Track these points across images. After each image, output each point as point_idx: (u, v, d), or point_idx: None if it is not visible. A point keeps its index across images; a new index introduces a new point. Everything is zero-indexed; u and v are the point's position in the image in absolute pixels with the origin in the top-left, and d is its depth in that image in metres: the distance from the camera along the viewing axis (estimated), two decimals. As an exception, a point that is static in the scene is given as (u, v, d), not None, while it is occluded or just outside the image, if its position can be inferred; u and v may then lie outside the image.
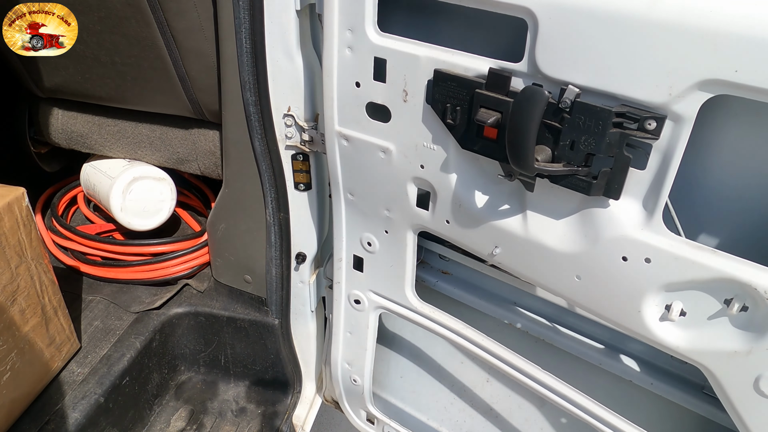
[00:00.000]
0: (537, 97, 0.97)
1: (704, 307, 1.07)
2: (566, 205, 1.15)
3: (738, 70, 0.85)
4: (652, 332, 1.14)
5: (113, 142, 2.02)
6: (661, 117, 0.94)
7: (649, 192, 1.03)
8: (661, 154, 0.97)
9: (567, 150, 1.02)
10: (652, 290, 1.10)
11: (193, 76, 1.69)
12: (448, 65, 1.14)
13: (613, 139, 0.97)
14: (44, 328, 1.61)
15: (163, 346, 1.97)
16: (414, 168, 1.31)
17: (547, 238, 1.20)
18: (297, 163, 1.61)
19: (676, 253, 1.04)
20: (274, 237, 1.79)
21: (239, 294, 2.00)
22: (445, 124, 1.18)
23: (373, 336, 1.76)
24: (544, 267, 1.24)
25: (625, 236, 1.08)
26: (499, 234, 1.27)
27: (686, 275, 1.05)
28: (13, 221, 1.44)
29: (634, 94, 0.95)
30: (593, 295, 1.20)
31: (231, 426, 2.01)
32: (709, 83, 0.88)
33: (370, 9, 1.18)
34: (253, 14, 1.37)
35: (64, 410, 1.62)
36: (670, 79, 0.90)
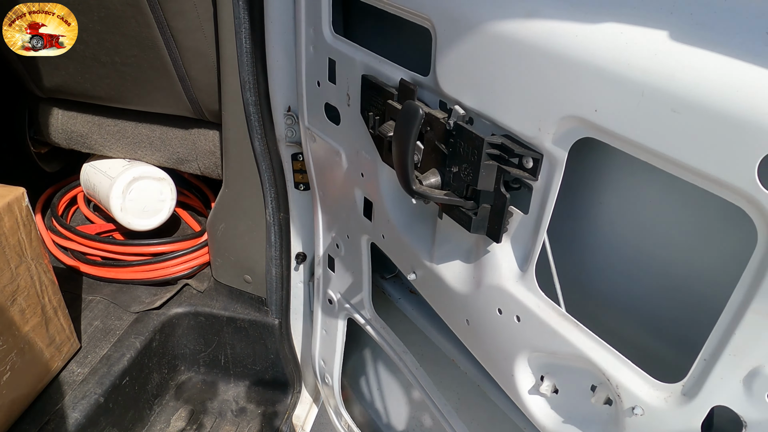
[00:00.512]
0: (412, 115, 0.88)
1: (574, 389, 0.92)
2: (463, 240, 1.05)
3: (597, 110, 0.72)
4: (523, 401, 1.00)
5: (113, 142, 2.02)
6: (537, 156, 0.82)
7: (529, 240, 0.91)
8: (540, 198, 0.85)
9: (452, 177, 0.92)
10: (523, 354, 0.97)
11: (193, 76, 1.69)
12: (375, 72, 1.09)
13: (489, 172, 0.86)
14: (44, 328, 1.61)
15: (163, 346, 1.97)
16: (357, 175, 1.27)
17: (446, 273, 1.10)
18: (297, 163, 1.61)
19: (542, 317, 0.90)
20: (274, 237, 1.79)
21: (239, 294, 2.00)
22: (370, 134, 1.12)
23: (341, 339, 1.72)
24: (445, 303, 1.15)
25: (500, 286, 0.96)
26: (415, 258, 1.18)
27: (551, 345, 0.91)
28: (13, 221, 1.44)
29: (512, 124, 0.84)
30: (478, 345, 1.09)
31: (231, 426, 2.01)
32: (572, 121, 0.76)
33: (325, 8, 1.17)
34: (253, 14, 1.37)
35: (64, 410, 1.62)
36: (539, 112, 0.79)
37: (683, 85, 0.63)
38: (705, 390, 0.72)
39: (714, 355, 0.70)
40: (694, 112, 0.62)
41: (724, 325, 0.68)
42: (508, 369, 1.01)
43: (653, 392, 0.78)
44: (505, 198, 0.87)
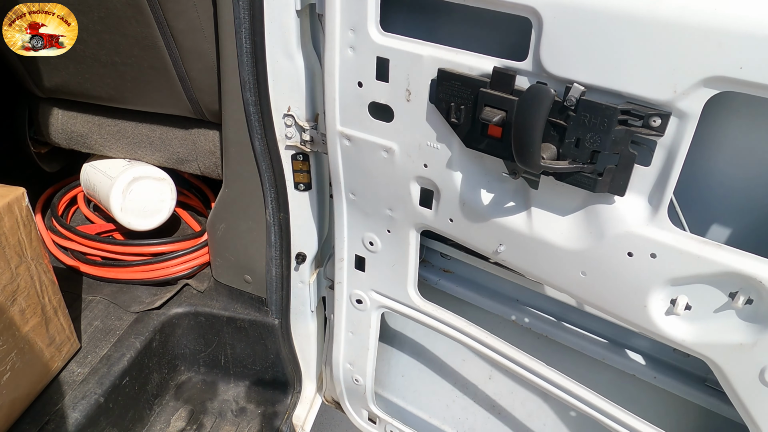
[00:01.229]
0: (543, 95, 0.97)
1: (709, 300, 1.08)
2: (571, 202, 1.15)
3: (742, 67, 0.85)
4: (658, 327, 1.15)
5: (113, 142, 2.02)
6: (665, 114, 0.94)
7: (654, 188, 1.03)
8: (666, 151, 0.98)
9: (572, 148, 1.03)
10: (658, 285, 1.11)
11: (193, 76, 1.69)
12: (452, 64, 1.14)
13: (618, 136, 0.98)
14: (44, 328, 1.61)
15: (163, 346, 1.97)
16: (417, 167, 1.31)
17: (551, 235, 1.20)
18: (297, 163, 1.61)
19: (681, 248, 1.05)
20: (274, 237, 1.79)
21: (239, 294, 2.00)
22: (449, 123, 1.18)
23: (375, 335, 1.76)
24: (548, 264, 1.24)
25: (630, 232, 1.08)
26: (503, 232, 1.27)
27: (691, 270, 1.05)
28: (13, 221, 1.44)
29: (638, 91, 0.95)
30: (599, 292, 1.21)
31: (231, 426, 2.01)
32: (714, 80, 0.89)
33: (372, 9, 1.18)
34: (253, 14, 1.37)
35: (64, 410, 1.62)
36: (675, 77, 0.91)
37: None
38: None
39: None
40: None
41: None
42: (639, 302, 1.14)
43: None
44: (634, 156, 1.00)
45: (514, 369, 1.52)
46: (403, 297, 1.61)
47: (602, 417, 1.41)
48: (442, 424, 2.04)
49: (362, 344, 1.79)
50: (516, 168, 1.14)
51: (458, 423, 2.00)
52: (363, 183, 1.44)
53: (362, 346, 1.79)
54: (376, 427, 2.00)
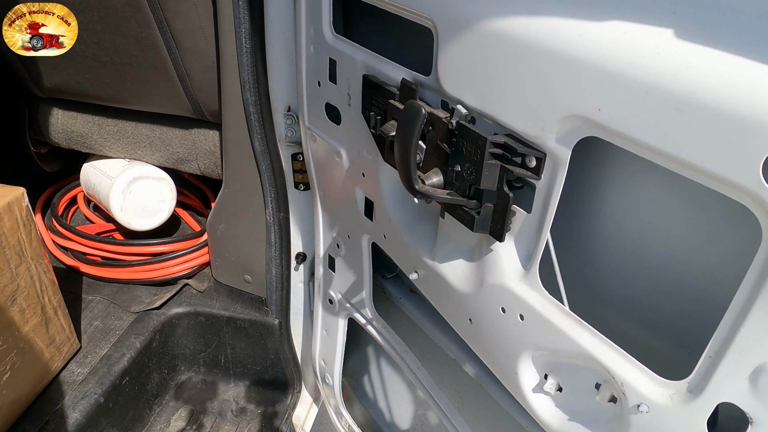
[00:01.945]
0: (414, 114, 0.87)
1: (578, 387, 0.93)
2: (466, 240, 1.05)
3: (600, 109, 0.72)
4: (527, 400, 1.01)
5: (113, 142, 2.02)
6: (540, 155, 0.82)
7: (532, 239, 0.91)
8: (543, 197, 0.86)
9: (456, 177, 0.92)
10: (527, 353, 0.98)
11: (192, 76, 1.69)
12: (376, 72, 1.09)
13: (492, 171, 0.87)
14: (44, 328, 1.61)
15: (163, 346, 1.97)
16: (358, 175, 1.27)
17: (449, 272, 1.10)
18: (297, 163, 1.61)
19: (546, 315, 0.91)
20: (274, 237, 1.79)
21: (239, 294, 2.00)
22: (371, 133, 1.12)
23: (342, 339, 1.72)
24: (447, 302, 1.15)
25: (503, 285, 0.97)
26: (416, 258, 1.18)
27: (555, 344, 0.91)
28: (13, 221, 1.44)
29: (515, 124, 0.84)
30: (482, 344, 1.10)
31: (231, 426, 2.01)
32: (575, 121, 0.76)
33: (326, 9, 1.17)
34: (253, 14, 1.37)
35: (64, 410, 1.62)
36: (542, 111, 0.80)
37: (686, 85, 0.63)
38: (710, 387, 0.72)
39: (719, 352, 0.70)
40: (698, 111, 0.63)
41: (729, 323, 0.68)
42: (511, 367, 1.01)
43: (658, 389, 0.78)
44: (509, 197, 0.87)
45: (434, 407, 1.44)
46: (360, 306, 1.57)
47: None
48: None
49: (332, 345, 1.77)
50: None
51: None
52: (328, 183, 1.43)
53: (332, 346, 1.77)
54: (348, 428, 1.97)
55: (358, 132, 1.20)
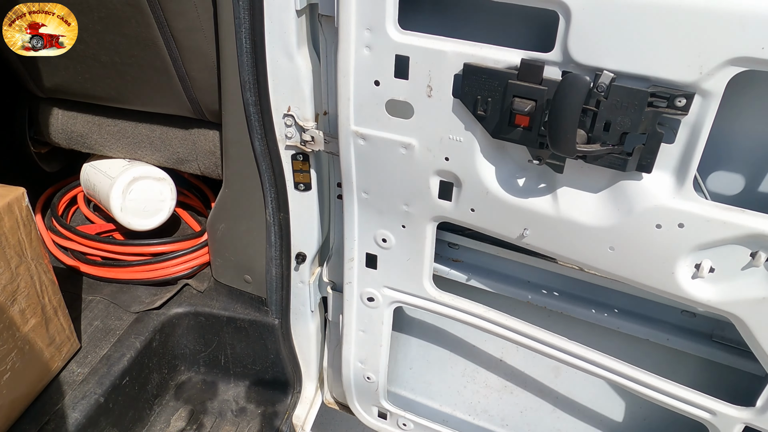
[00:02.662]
0: (579, 84, 1.04)
1: (732, 261, 1.17)
2: (597, 182, 1.22)
3: (765, 47, 0.93)
4: (686, 291, 1.24)
5: (113, 142, 2.02)
6: (690, 94, 1.02)
7: (680, 163, 1.11)
8: (690, 128, 1.06)
9: (601, 131, 1.09)
10: (685, 252, 1.19)
11: (193, 76, 1.69)
12: (477, 58, 1.18)
13: (647, 117, 1.05)
14: (44, 328, 1.61)
15: (163, 346, 1.97)
16: (438, 161, 1.35)
17: (578, 215, 1.27)
18: (297, 163, 1.61)
19: (708, 216, 1.13)
20: (274, 237, 1.79)
21: (239, 294, 2.00)
22: (475, 116, 1.23)
23: (388, 331, 1.78)
24: (576, 243, 1.31)
25: (659, 205, 1.16)
26: (528, 216, 1.33)
27: (718, 235, 1.14)
28: (13, 221, 1.44)
29: (666, 75, 1.02)
30: (627, 264, 1.28)
31: (231, 426, 2.01)
32: (738, 60, 0.96)
33: (390, 8, 1.20)
34: (253, 14, 1.37)
35: (64, 410, 1.62)
36: (701, 59, 0.98)
37: None
38: None
39: None
40: None
41: None
42: (667, 270, 1.23)
43: None
44: (661, 135, 1.06)
45: (534, 346, 1.57)
46: (418, 290, 1.64)
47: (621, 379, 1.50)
48: (453, 411, 2.08)
49: (375, 341, 1.80)
50: (540, 154, 1.20)
51: (470, 407, 2.05)
52: (378, 181, 1.46)
53: (375, 343, 1.81)
54: (387, 422, 2.02)
55: (445, 119, 1.28)
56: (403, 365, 2.10)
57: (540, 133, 1.16)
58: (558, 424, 1.94)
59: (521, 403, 1.97)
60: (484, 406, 2.03)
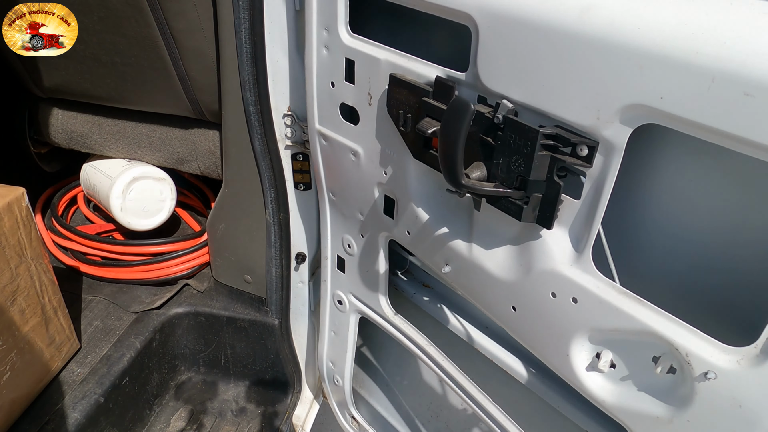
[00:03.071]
0: (462, 110, 0.89)
1: (633, 361, 0.97)
2: (507, 229, 1.07)
3: (663, 97, 0.75)
4: (579, 380, 1.04)
5: (113, 142, 2.02)
6: (593, 144, 0.85)
7: (582, 225, 0.94)
8: (594, 185, 0.88)
9: (500, 169, 0.95)
10: (580, 334, 1.01)
11: (193, 76, 1.69)
12: (403, 70, 1.10)
13: (543, 162, 0.89)
14: (44, 328, 1.61)
15: (163, 346, 1.97)
16: (379, 173, 1.28)
17: (487, 262, 1.12)
18: (297, 163, 1.61)
19: (602, 296, 0.94)
20: (274, 237, 1.79)
21: (239, 294, 2.00)
22: (399, 131, 1.13)
23: (353, 339, 1.73)
24: (485, 292, 1.16)
25: (555, 271, 0.99)
26: (448, 251, 1.20)
27: (611, 323, 0.94)
28: (13, 221, 1.44)
29: (566, 115, 0.86)
30: (527, 330, 1.12)
31: (231, 426, 2.01)
32: (635, 109, 0.79)
33: (342, 9, 1.17)
34: (253, 14, 1.37)
35: (64, 410, 1.62)
36: (598, 102, 0.82)
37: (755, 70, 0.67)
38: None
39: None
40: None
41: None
42: (562, 350, 1.04)
43: (725, 356, 0.82)
44: (559, 186, 0.90)
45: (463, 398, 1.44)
46: (375, 305, 1.58)
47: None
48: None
49: (342, 346, 1.77)
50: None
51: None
52: (340, 184, 1.43)
53: (342, 347, 1.78)
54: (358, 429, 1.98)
55: (381, 131, 1.21)
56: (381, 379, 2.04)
57: None
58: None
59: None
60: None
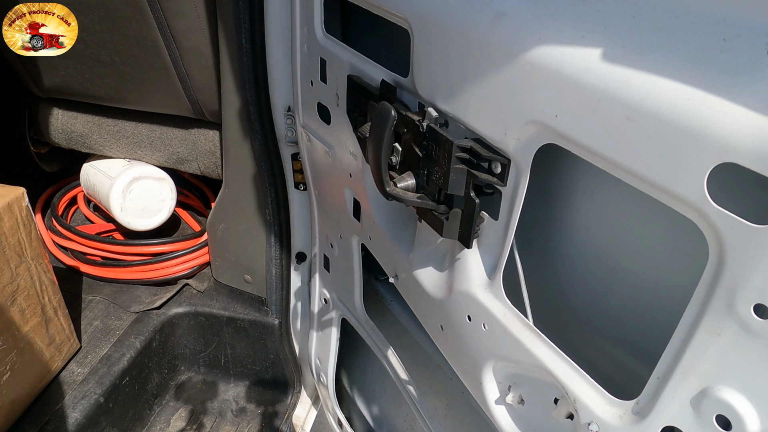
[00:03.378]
0: (385, 115, 0.88)
1: (538, 401, 0.91)
2: (440, 245, 1.03)
3: (558, 116, 0.70)
4: (490, 410, 0.99)
5: (113, 142, 2.02)
6: (504, 161, 0.80)
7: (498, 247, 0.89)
8: (508, 204, 0.83)
9: (426, 181, 0.91)
10: (490, 363, 0.96)
11: (192, 76, 1.69)
12: (359, 72, 1.08)
13: (460, 176, 0.85)
14: (44, 328, 1.61)
15: (163, 346, 1.97)
16: (345, 175, 1.26)
17: (423, 276, 1.09)
18: (297, 163, 1.61)
19: (507, 326, 0.89)
20: (274, 237, 1.79)
21: (239, 294, 2.00)
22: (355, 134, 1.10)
23: (335, 338, 1.71)
24: (421, 307, 1.14)
25: (469, 293, 0.95)
26: (397, 260, 1.17)
27: (515, 355, 0.89)
28: (13, 221, 1.44)
29: (481, 128, 0.82)
30: (451, 351, 1.09)
31: (231, 426, 2.01)
32: (535, 126, 0.74)
33: (317, 8, 1.17)
34: (253, 14, 1.37)
35: (64, 410, 1.62)
36: (505, 116, 0.77)
37: (637, 92, 0.61)
38: (657, 409, 0.69)
39: (667, 373, 0.67)
40: (647, 119, 0.60)
41: (677, 343, 0.65)
42: (477, 376, 0.99)
43: (609, 409, 0.76)
44: (475, 203, 0.85)
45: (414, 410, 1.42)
46: (351, 307, 1.56)
47: None
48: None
49: (326, 344, 1.77)
50: None
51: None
52: (321, 182, 1.43)
53: (326, 345, 1.77)
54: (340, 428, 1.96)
55: (346, 132, 1.19)
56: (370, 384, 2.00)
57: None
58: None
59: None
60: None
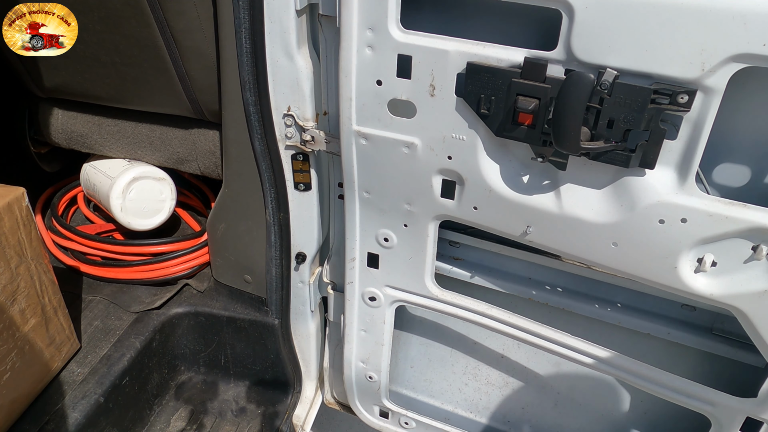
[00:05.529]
0: (584, 82, 1.07)
1: (734, 255, 1.20)
2: (600, 179, 1.24)
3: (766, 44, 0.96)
4: (688, 285, 1.26)
5: (113, 142, 2.02)
6: (692, 91, 1.04)
7: (682, 159, 1.13)
8: (692, 125, 1.08)
9: (605, 129, 1.11)
10: (688, 247, 1.22)
11: (192, 76, 1.69)
12: (480, 57, 1.19)
13: (651, 114, 1.07)
14: (44, 328, 1.61)
15: (163, 346, 1.97)
16: (441, 159, 1.36)
17: (581, 211, 1.29)
18: (297, 163, 1.61)
19: (710, 211, 1.16)
20: (274, 237, 1.79)
21: (239, 294, 2.00)
22: (478, 114, 1.24)
23: (390, 330, 1.79)
24: (579, 239, 1.33)
25: (662, 201, 1.19)
26: (531, 213, 1.35)
27: (720, 229, 1.17)
28: (13, 221, 1.44)
29: (668, 72, 1.04)
30: (630, 260, 1.30)
31: (231, 426, 2.01)
32: (740, 57, 0.99)
33: (393, 8, 1.21)
34: (253, 14, 1.37)
35: (64, 410, 1.62)
36: (704, 56, 1.01)
37: None
38: None
39: None
40: None
41: None
42: (670, 265, 1.25)
43: None
44: (664, 131, 1.08)
45: (537, 342, 1.59)
46: (420, 289, 1.65)
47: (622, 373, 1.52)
48: (455, 409, 2.10)
49: (376, 341, 1.81)
50: (543, 152, 1.22)
51: (472, 405, 2.07)
52: (380, 180, 1.47)
53: (376, 342, 1.81)
54: (389, 421, 2.03)
55: (446, 118, 1.29)
56: (404, 364, 2.12)
57: (543, 130, 1.17)
58: (560, 419, 1.95)
59: (523, 400, 1.99)
60: (486, 404, 2.05)
